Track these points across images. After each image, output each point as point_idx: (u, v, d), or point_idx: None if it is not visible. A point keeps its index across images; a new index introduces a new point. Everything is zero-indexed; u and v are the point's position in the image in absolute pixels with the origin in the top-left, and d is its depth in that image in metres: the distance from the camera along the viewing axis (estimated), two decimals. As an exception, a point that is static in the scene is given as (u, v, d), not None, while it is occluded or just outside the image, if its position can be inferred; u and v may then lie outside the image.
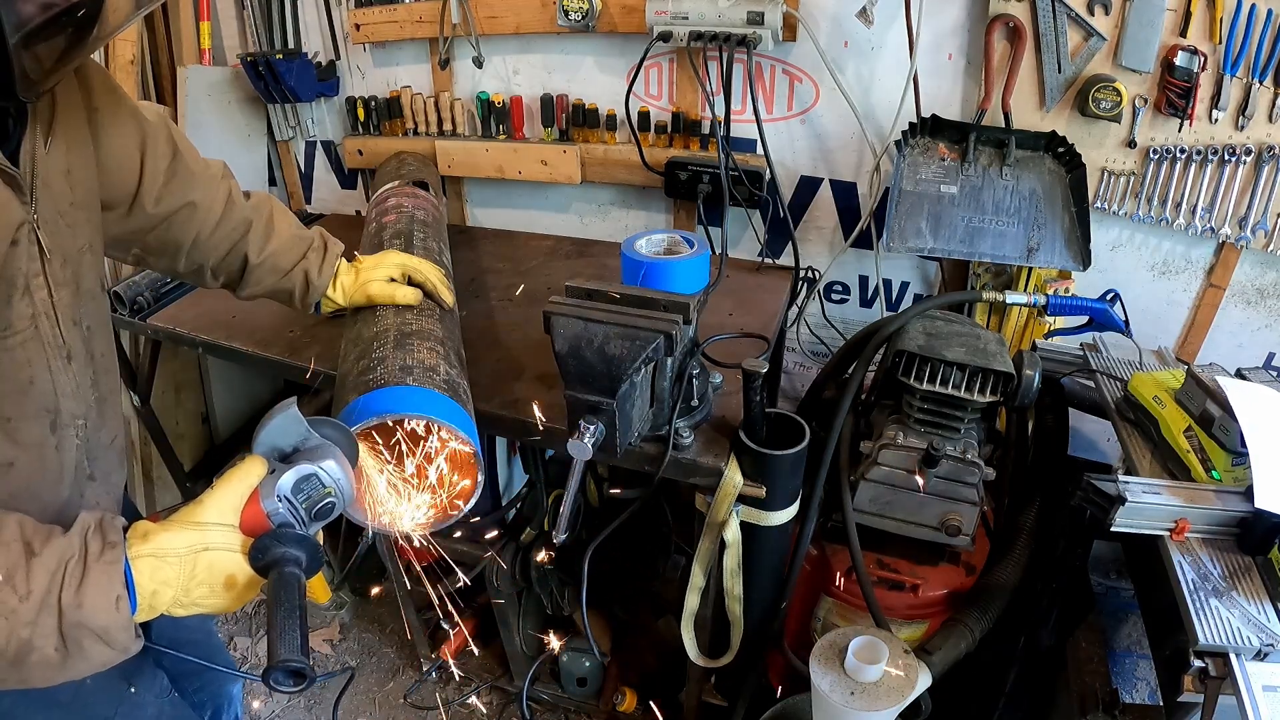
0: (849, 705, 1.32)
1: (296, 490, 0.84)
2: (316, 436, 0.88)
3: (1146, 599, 1.45)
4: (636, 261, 1.82)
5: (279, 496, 0.83)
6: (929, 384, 1.50)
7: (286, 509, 0.83)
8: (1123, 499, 1.27)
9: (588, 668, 2.26)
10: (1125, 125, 1.76)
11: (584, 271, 2.15)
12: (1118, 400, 1.62)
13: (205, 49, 2.48)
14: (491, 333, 1.83)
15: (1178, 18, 1.64)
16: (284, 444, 0.87)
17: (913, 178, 1.88)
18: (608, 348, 1.22)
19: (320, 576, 2.52)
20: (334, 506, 0.86)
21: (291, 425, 0.86)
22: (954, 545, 1.58)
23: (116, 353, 1.17)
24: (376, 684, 2.52)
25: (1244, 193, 1.73)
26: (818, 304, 2.27)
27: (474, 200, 2.59)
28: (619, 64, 2.16)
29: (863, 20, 1.79)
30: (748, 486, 1.38)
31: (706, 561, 1.51)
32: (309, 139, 2.67)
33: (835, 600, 1.75)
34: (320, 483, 0.85)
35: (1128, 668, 1.73)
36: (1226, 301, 1.89)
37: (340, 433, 0.93)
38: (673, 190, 2.17)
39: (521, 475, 2.07)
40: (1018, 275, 1.95)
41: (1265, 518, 1.23)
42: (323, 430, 0.90)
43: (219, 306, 2.04)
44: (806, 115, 2.06)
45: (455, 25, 2.21)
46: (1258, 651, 1.13)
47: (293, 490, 0.83)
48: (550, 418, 1.50)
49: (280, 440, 0.87)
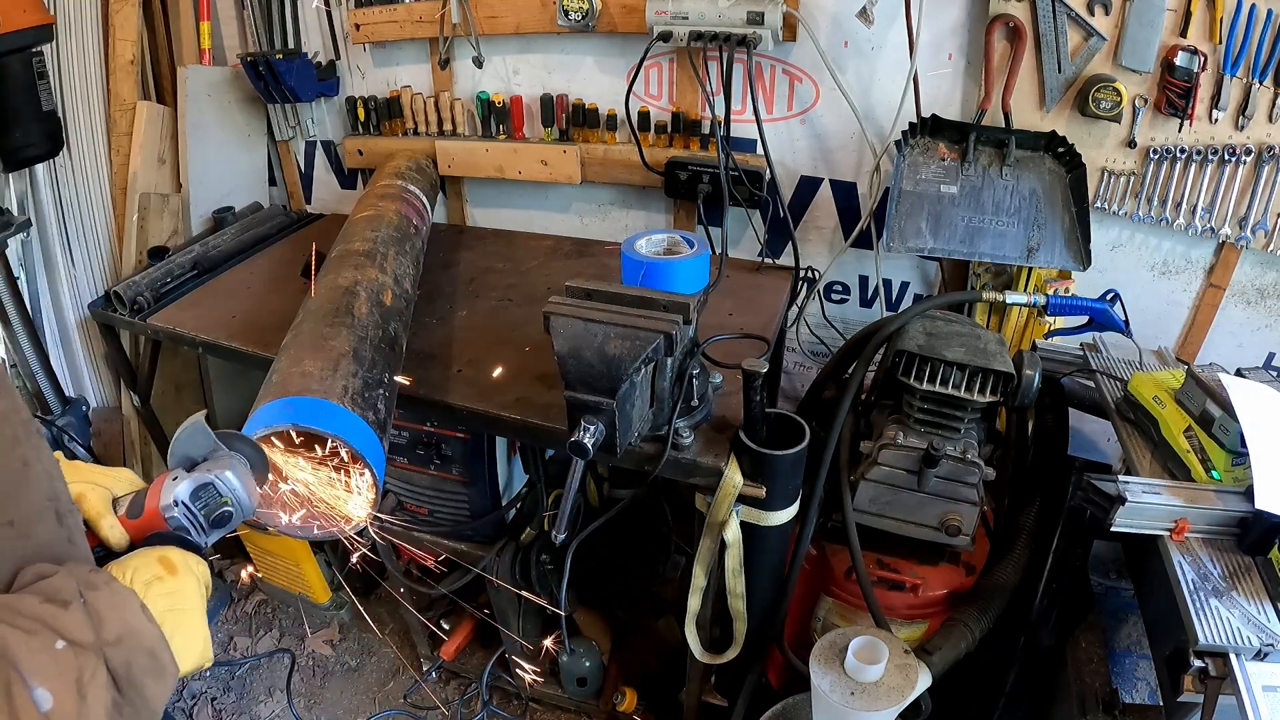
0: (849, 705, 1.32)
1: (194, 497, 0.86)
2: (223, 449, 0.92)
3: (1146, 599, 1.45)
4: (636, 262, 1.82)
5: (176, 501, 0.85)
6: (929, 384, 1.50)
7: (183, 514, 0.85)
8: (1123, 499, 1.27)
9: (588, 668, 2.26)
10: (1125, 125, 1.76)
11: (584, 271, 2.15)
12: (1118, 400, 1.62)
13: (205, 49, 2.48)
14: (491, 332, 1.83)
15: (1178, 18, 1.64)
16: (195, 454, 0.90)
17: (913, 178, 1.88)
18: (608, 348, 1.22)
19: (320, 576, 2.52)
20: (231, 516, 0.89)
21: (199, 437, 0.90)
22: (954, 545, 1.58)
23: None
24: (376, 684, 2.52)
25: (1244, 193, 1.73)
26: (818, 304, 2.27)
27: (474, 200, 2.59)
28: (619, 64, 2.16)
29: (863, 20, 1.79)
30: (748, 486, 1.38)
31: (707, 562, 1.51)
32: (309, 139, 2.67)
33: (835, 600, 1.75)
34: (217, 491, 0.88)
35: (1128, 668, 1.73)
36: (1226, 301, 1.89)
37: (251, 447, 0.96)
38: (673, 190, 2.17)
39: (521, 475, 2.07)
40: (1018, 275, 1.95)
41: (1265, 518, 1.23)
42: (232, 444, 0.93)
43: (219, 306, 2.04)
44: (806, 115, 2.06)
45: (455, 25, 2.21)
46: (1258, 651, 1.13)
47: (190, 497, 0.86)
48: (550, 418, 1.50)
49: (191, 450, 0.90)
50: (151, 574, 0.79)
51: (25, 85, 2.03)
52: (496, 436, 1.87)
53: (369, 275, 1.58)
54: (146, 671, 0.70)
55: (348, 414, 1.19)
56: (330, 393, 1.22)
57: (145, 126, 2.36)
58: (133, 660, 0.69)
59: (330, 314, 1.42)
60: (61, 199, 2.34)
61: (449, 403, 1.59)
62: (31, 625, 0.62)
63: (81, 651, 0.64)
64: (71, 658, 0.63)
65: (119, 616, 0.70)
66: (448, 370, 1.69)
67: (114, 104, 2.34)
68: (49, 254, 2.37)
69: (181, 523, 0.85)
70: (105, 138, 2.36)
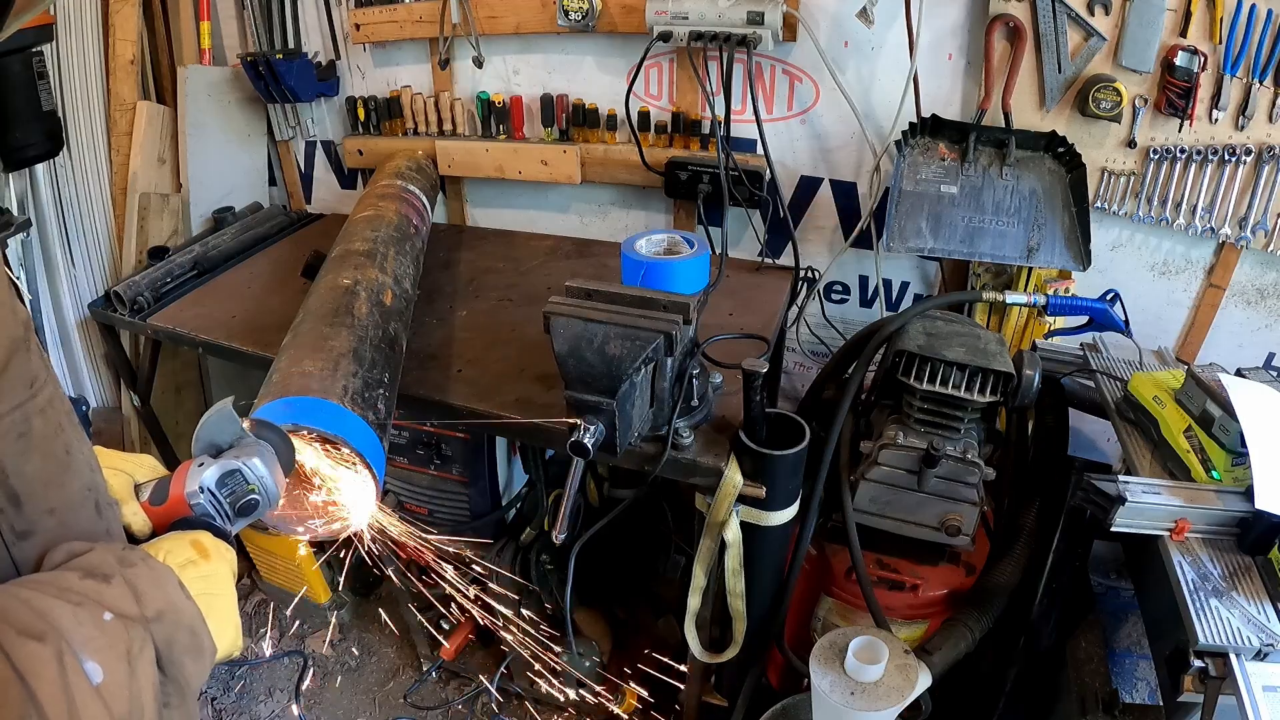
0: (849, 705, 1.32)
1: (220, 484, 0.85)
2: (250, 436, 0.90)
3: (1146, 599, 1.45)
4: (636, 262, 1.82)
5: (201, 488, 0.84)
6: (929, 384, 1.50)
7: (209, 500, 0.84)
8: (1123, 499, 1.27)
9: (588, 668, 2.26)
10: (1125, 125, 1.76)
11: (584, 271, 2.15)
12: (1118, 400, 1.62)
13: (205, 49, 2.48)
14: (492, 332, 1.83)
15: (1178, 18, 1.64)
16: (220, 441, 0.89)
17: (913, 178, 1.88)
18: (608, 348, 1.22)
19: (320, 576, 2.51)
20: (257, 504, 0.88)
21: (226, 423, 0.88)
22: (954, 545, 1.58)
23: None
24: (376, 684, 2.52)
25: (1244, 193, 1.73)
26: (818, 304, 2.27)
27: (474, 200, 2.59)
28: (619, 64, 2.16)
29: (863, 20, 1.79)
30: (748, 486, 1.37)
31: (707, 562, 1.51)
32: (309, 139, 2.67)
33: (835, 600, 1.75)
34: (244, 479, 0.86)
35: (1128, 668, 1.73)
36: (1226, 301, 1.89)
37: (279, 436, 0.94)
38: (673, 190, 2.17)
39: (521, 475, 2.07)
40: (1018, 275, 1.95)
41: (1265, 517, 1.23)
42: (260, 431, 0.92)
43: (219, 306, 2.04)
44: (806, 115, 2.06)
45: (455, 25, 2.21)
46: (1258, 651, 1.13)
47: (216, 484, 0.84)
48: (550, 418, 1.50)
49: (217, 437, 0.88)
50: (185, 557, 0.76)
51: (25, 85, 2.03)
52: (496, 436, 1.87)
53: (369, 275, 1.58)
54: (186, 650, 0.68)
55: (348, 414, 1.19)
56: (330, 392, 1.21)
57: (145, 126, 2.36)
58: (174, 637, 0.67)
59: (330, 314, 1.42)
60: (61, 199, 2.34)
61: (449, 403, 1.59)
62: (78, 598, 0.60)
63: (130, 624, 0.62)
64: (121, 629, 0.61)
65: (160, 593, 0.67)
66: (448, 370, 1.69)
67: (114, 104, 2.34)
68: (49, 254, 2.37)
69: (207, 510, 0.84)
70: (105, 138, 2.36)
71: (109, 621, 0.61)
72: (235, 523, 0.87)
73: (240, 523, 0.88)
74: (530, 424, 1.50)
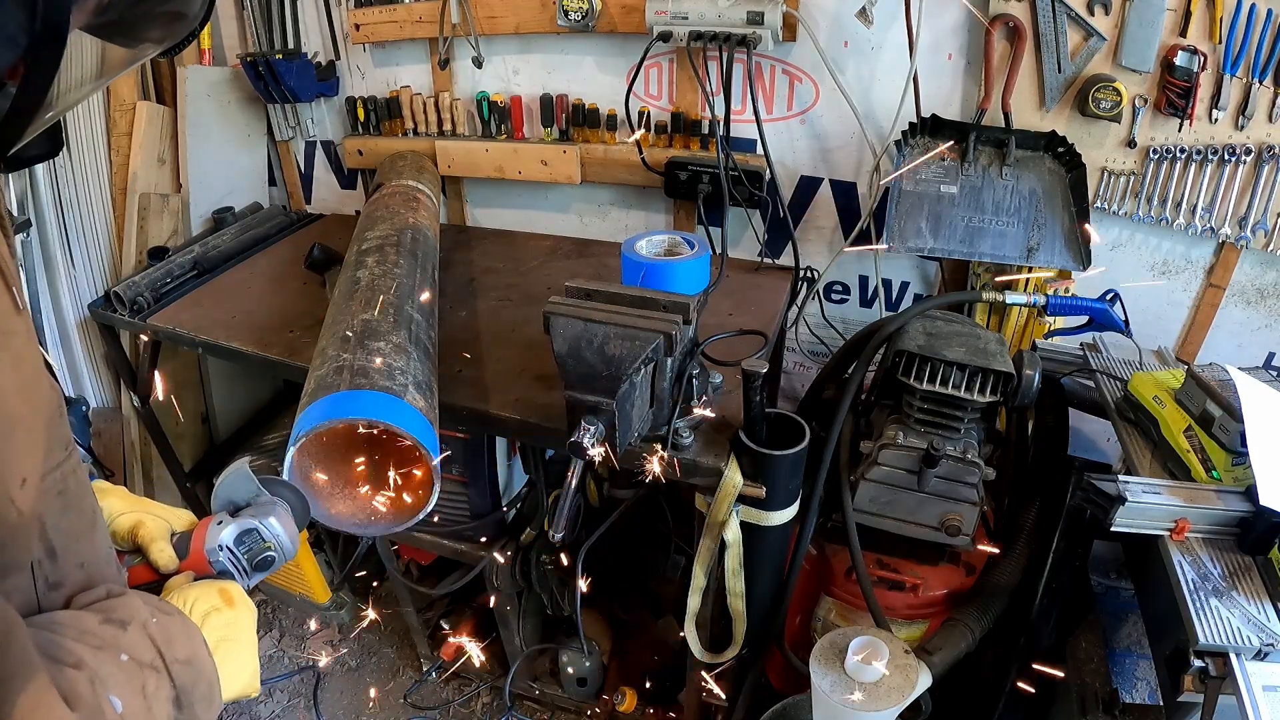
0: (849, 705, 1.32)
1: (239, 542, 0.90)
2: (266, 494, 0.95)
3: (1146, 599, 1.45)
4: (637, 263, 1.82)
5: (220, 546, 0.88)
6: (929, 384, 1.50)
7: (228, 558, 0.89)
8: (1123, 499, 1.27)
9: (588, 668, 2.26)
10: (1125, 125, 1.76)
11: (584, 271, 2.15)
12: (1118, 400, 1.62)
13: (205, 49, 2.48)
14: (492, 332, 1.83)
15: (1178, 18, 1.64)
16: (238, 499, 0.94)
17: (913, 178, 1.88)
18: (608, 348, 1.22)
19: (320, 576, 2.52)
20: (274, 560, 0.92)
21: (243, 483, 0.93)
22: (954, 545, 1.58)
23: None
24: (376, 684, 2.52)
25: (1244, 193, 1.73)
26: (817, 304, 2.27)
27: (474, 200, 2.59)
28: (619, 64, 2.16)
29: (863, 20, 1.79)
30: (748, 486, 1.37)
31: (707, 561, 1.51)
32: (309, 139, 2.67)
33: (835, 600, 1.75)
34: (261, 537, 0.91)
35: (1128, 668, 1.72)
36: (1226, 301, 1.89)
37: (293, 493, 0.98)
38: (673, 190, 2.17)
39: (521, 475, 2.07)
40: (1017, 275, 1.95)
41: (1266, 517, 1.23)
42: (276, 489, 0.96)
43: (219, 306, 2.04)
44: (806, 115, 2.06)
45: (455, 25, 2.21)
46: (1258, 651, 1.13)
47: (234, 542, 0.89)
48: (550, 418, 1.50)
49: (235, 495, 0.93)
50: (210, 605, 0.82)
51: (25, 85, 2.03)
52: (496, 436, 1.87)
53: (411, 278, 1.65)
54: (203, 698, 0.74)
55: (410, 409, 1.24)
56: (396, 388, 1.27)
57: (145, 126, 2.36)
58: (196, 683, 0.73)
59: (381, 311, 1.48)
60: (61, 199, 2.34)
61: (449, 403, 1.59)
62: (97, 641, 0.65)
63: (144, 667, 0.67)
64: (136, 669, 0.66)
65: (190, 644, 0.74)
66: (448, 370, 1.69)
67: (114, 104, 2.33)
68: (49, 254, 2.37)
69: (226, 566, 0.88)
70: (105, 138, 2.36)
71: (125, 662, 0.66)
72: (252, 577, 0.91)
73: (257, 577, 0.92)
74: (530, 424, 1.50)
